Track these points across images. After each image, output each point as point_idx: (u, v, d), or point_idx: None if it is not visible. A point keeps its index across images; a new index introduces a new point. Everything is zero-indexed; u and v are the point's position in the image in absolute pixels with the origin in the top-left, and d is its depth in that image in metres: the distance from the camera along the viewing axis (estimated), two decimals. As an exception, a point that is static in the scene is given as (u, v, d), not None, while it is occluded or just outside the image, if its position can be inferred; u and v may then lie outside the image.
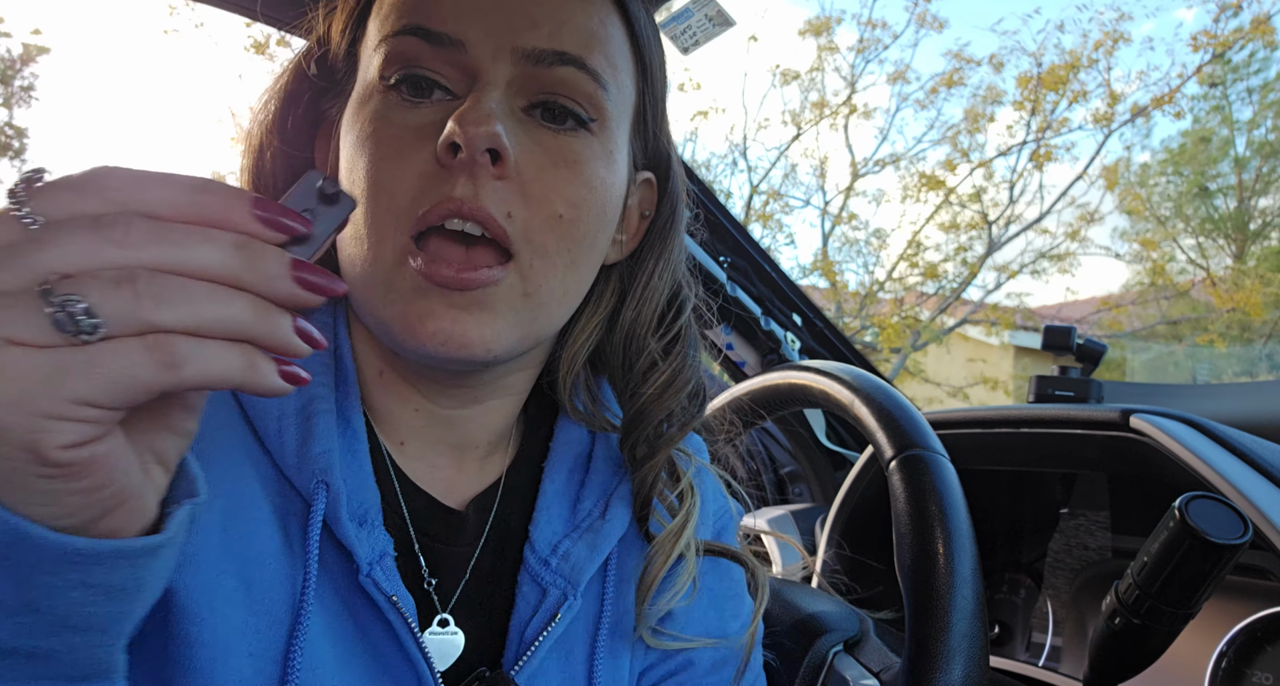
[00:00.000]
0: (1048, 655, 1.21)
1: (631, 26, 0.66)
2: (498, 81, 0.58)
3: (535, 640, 0.64)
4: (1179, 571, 0.69)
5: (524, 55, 0.59)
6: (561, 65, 0.59)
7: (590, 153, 0.61)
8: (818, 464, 1.73)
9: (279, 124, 0.68)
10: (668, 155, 0.73)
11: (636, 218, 0.73)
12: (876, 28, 11.93)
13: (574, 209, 0.60)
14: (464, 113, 0.55)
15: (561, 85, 0.60)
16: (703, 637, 0.73)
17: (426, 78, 0.59)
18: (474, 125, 0.55)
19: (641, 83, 0.68)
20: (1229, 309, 10.53)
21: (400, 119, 0.59)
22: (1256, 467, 0.91)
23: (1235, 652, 0.95)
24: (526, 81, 0.59)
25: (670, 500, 0.72)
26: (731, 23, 1.08)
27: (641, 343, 0.72)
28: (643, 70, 0.68)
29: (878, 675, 0.79)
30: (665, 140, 0.73)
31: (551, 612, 0.65)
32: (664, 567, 0.69)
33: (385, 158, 0.58)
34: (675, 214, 0.74)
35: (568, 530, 0.68)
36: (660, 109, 0.71)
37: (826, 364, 0.95)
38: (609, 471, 0.73)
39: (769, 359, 1.65)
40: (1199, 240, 13.71)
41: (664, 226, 0.73)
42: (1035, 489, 1.31)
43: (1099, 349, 1.35)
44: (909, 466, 0.76)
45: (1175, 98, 10.89)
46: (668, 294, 0.73)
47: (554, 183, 0.59)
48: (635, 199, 0.72)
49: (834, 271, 12.21)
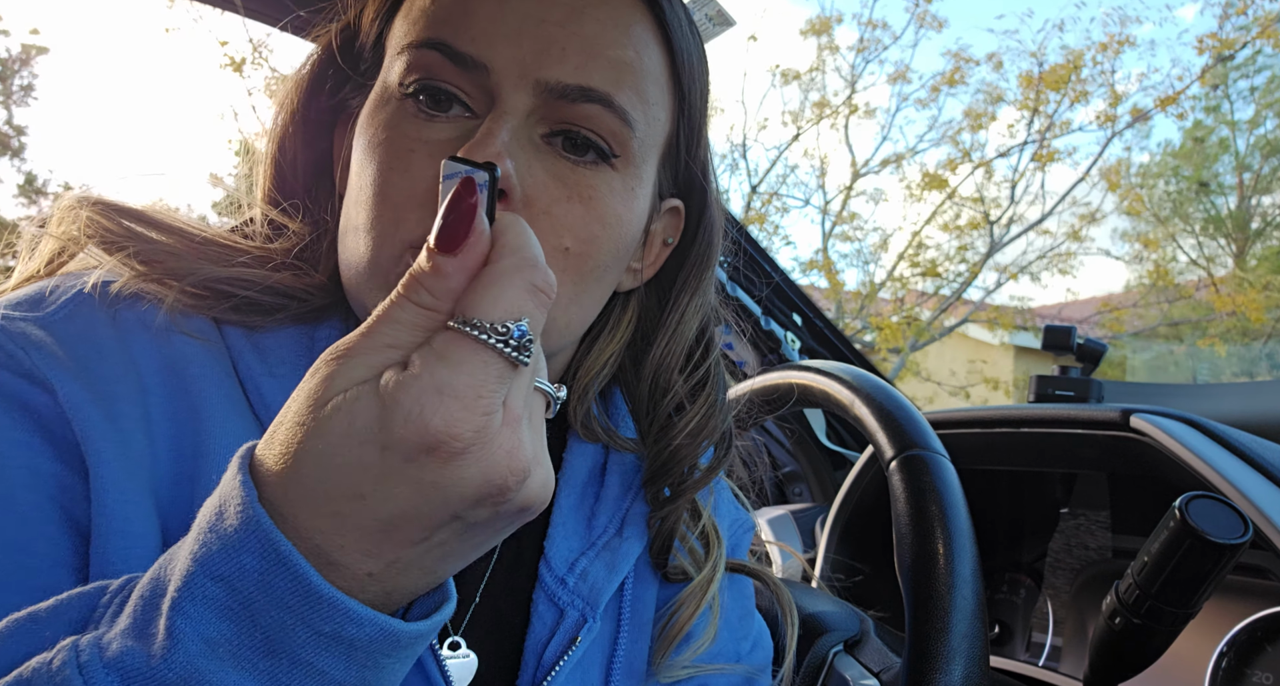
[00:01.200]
0: (1048, 655, 1.21)
1: (673, 55, 0.63)
2: (516, 111, 0.56)
3: (555, 664, 0.61)
4: (1179, 571, 0.68)
5: (548, 88, 0.56)
6: (587, 102, 0.57)
7: (608, 188, 0.59)
8: (818, 464, 1.73)
9: (302, 110, 0.66)
10: (703, 184, 0.69)
11: (659, 244, 0.70)
12: (877, 28, 11.95)
13: (584, 244, 0.58)
14: (473, 145, 0.54)
15: (585, 120, 0.57)
16: (715, 663, 0.72)
17: (446, 90, 0.57)
18: None
19: (677, 111, 0.65)
20: (1229, 312, 10.53)
21: (414, 132, 0.57)
22: (1256, 467, 0.91)
23: (1235, 652, 0.95)
24: (549, 112, 0.57)
25: (692, 542, 0.70)
26: (732, 22, 1.08)
27: (669, 380, 0.69)
28: (680, 99, 0.65)
29: (878, 675, 0.79)
30: (700, 168, 0.69)
31: (570, 635, 0.62)
32: (692, 618, 0.68)
33: (393, 169, 0.57)
34: (710, 246, 0.70)
35: (584, 547, 0.66)
36: (697, 137, 0.68)
37: (826, 364, 0.95)
38: (622, 489, 0.70)
39: (769, 359, 1.65)
40: (1200, 240, 13.72)
41: (697, 260, 0.70)
42: (1035, 489, 1.31)
43: (1099, 349, 1.35)
44: (909, 466, 0.76)
45: (1178, 100, 10.87)
46: (698, 330, 0.71)
47: (565, 217, 0.57)
48: (660, 225, 0.69)
49: (833, 271, 12.21)
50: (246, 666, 0.36)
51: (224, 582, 0.36)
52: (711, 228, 0.70)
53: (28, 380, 0.49)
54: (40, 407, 0.49)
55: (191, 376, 0.54)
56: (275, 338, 0.60)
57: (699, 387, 0.70)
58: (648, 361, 0.69)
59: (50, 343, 0.51)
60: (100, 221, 0.59)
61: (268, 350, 0.59)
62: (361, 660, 0.38)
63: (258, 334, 0.59)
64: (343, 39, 0.66)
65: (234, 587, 0.36)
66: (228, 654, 0.35)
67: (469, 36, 0.56)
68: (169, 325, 0.55)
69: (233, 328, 0.59)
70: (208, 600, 0.36)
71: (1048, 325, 1.39)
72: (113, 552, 0.48)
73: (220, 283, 0.58)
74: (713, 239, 0.70)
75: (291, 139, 0.66)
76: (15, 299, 0.54)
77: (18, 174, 11.44)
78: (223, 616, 0.36)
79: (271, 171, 0.67)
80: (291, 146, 0.66)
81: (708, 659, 0.72)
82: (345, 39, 0.66)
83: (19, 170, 11.44)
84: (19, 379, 0.49)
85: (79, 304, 0.54)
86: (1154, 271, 12.35)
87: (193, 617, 0.35)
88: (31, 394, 0.49)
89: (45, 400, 0.49)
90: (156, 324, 0.55)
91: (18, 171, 11.43)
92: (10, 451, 0.48)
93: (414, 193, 0.56)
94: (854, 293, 12.11)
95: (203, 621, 0.35)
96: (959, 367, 12.12)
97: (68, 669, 0.35)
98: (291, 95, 0.66)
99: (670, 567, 0.70)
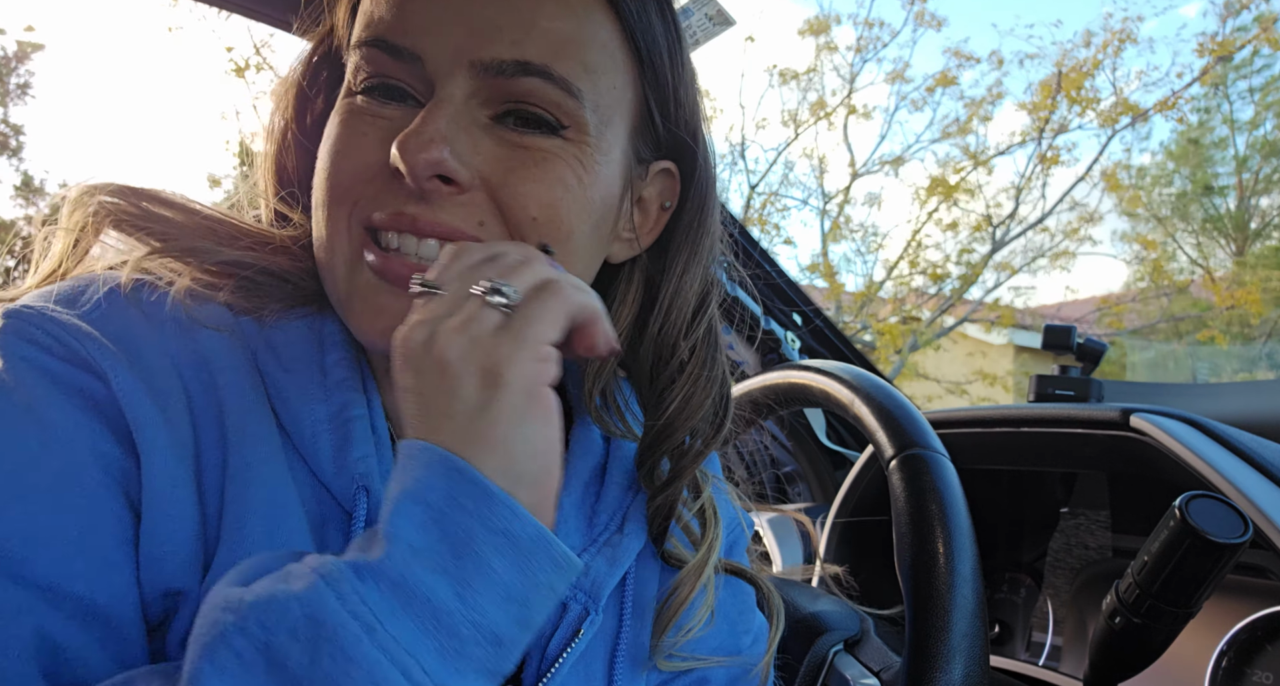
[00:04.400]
0: (1048, 654, 1.21)
1: (623, 21, 0.62)
2: (454, 97, 0.57)
3: (558, 657, 0.62)
4: (1179, 570, 0.68)
5: (484, 67, 0.57)
6: (525, 76, 0.57)
7: (562, 154, 0.60)
8: (818, 463, 1.73)
9: (297, 114, 0.68)
10: (693, 143, 0.69)
11: (656, 209, 0.70)
12: (874, 27, 11.93)
13: (548, 209, 0.59)
14: (406, 136, 0.55)
15: (528, 95, 0.58)
16: (716, 656, 0.73)
17: (393, 86, 0.60)
18: (415, 152, 0.54)
19: (640, 76, 0.64)
20: (1229, 306, 10.52)
21: (367, 122, 0.59)
22: (1256, 467, 0.91)
23: (1235, 652, 0.95)
24: (491, 93, 0.58)
25: (688, 520, 0.71)
26: (731, 22, 1.07)
27: (673, 346, 0.69)
28: (640, 64, 0.64)
29: (878, 674, 0.79)
30: (687, 127, 0.68)
31: (573, 628, 0.63)
32: (689, 597, 0.68)
33: (343, 154, 0.59)
34: (705, 206, 0.70)
35: (585, 544, 0.67)
36: (675, 96, 0.67)
37: (827, 363, 0.95)
38: (624, 486, 0.71)
39: (769, 359, 1.65)
40: (1199, 239, 13.72)
41: (692, 220, 0.70)
42: (1035, 488, 1.31)
43: (1099, 348, 1.35)
44: (909, 466, 0.76)
45: (1178, 104, 10.85)
46: (700, 294, 0.71)
47: (524, 187, 0.58)
48: (654, 189, 0.69)
49: (832, 271, 12.21)
50: (439, 570, 0.43)
51: (421, 503, 0.44)
52: (704, 188, 0.70)
53: (84, 369, 0.53)
54: (97, 395, 0.52)
55: (217, 369, 0.57)
56: (285, 334, 0.62)
57: (694, 350, 0.71)
58: (649, 327, 0.70)
59: (98, 336, 0.54)
60: (115, 202, 0.61)
61: (279, 346, 0.61)
62: (523, 564, 0.44)
63: (268, 329, 0.61)
64: (328, 42, 0.68)
65: (429, 504, 0.44)
66: (428, 559, 0.43)
67: (403, 30, 0.58)
68: (193, 322, 0.58)
69: (247, 318, 0.61)
70: (410, 517, 0.44)
71: (1048, 324, 1.39)
72: (161, 533, 0.51)
73: (226, 264, 0.61)
74: (706, 200, 0.70)
75: (289, 139, 0.68)
76: (50, 296, 0.56)
77: (15, 173, 11.45)
78: (421, 528, 0.43)
79: (273, 170, 0.69)
80: (289, 146, 0.68)
81: (708, 652, 0.72)
82: (329, 42, 0.68)
83: (16, 170, 11.45)
84: (76, 368, 0.52)
85: (113, 301, 0.57)
86: (1151, 267, 12.34)
87: (401, 531, 0.43)
88: (88, 382, 0.52)
89: (100, 388, 0.52)
90: (184, 319, 0.58)
91: (15, 171, 11.44)
92: (77, 434, 0.51)
93: (364, 170, 0.58)
94: (858, 294, 12.10)
95: (408, 531, 0.43)
96: (958, 366, 12.12)
97: (313, 576, 0.41)
98: (286, 97, 0.68)
99: (668, 551, 0.70)
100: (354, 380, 0.61)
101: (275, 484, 0.56)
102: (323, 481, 0.58)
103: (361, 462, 0.58)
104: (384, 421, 0.62)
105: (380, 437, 0.61)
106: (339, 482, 0.58)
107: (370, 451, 0.59)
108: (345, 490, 0.57)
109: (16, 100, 11.19)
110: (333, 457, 0.58)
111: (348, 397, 0.60)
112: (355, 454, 0.58)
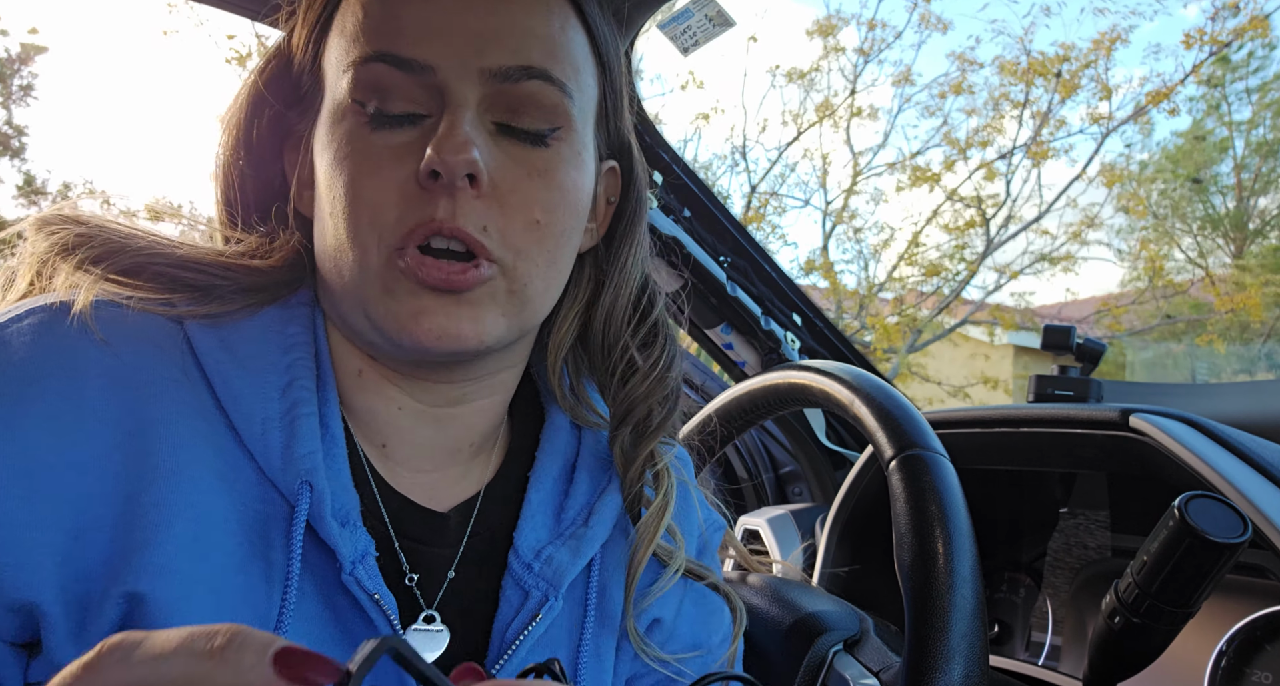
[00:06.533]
0: (1047, 654, 1.21)
1: (589, 27, 0.67)
2: (468, 102, 0.60)
3: (516, 640, 0.65)
4: (1179, 570, 0.69)
5: (492, 74, 0.60)
6: (528, 79, 0.61)
7: (560, 159, 0.63)
8: (818, 463, 1.74)
9: (244, 138, 0.69)
10: (629, 143, 0.76)
11: (604, 205, 0.75)
12: (877, 28, 11.93)
13: (549, 213, 0.63)
14: (441, 140, 0.58)
15: (530, 99, 0.62)
16: (689, 651, 0.76)
17: (397, 114, 0.60)
18: (452, 153, 0.57)
19: (602, 79, 0.70)
20: (1228, 310, 10.52)
21: (379, 139, 0.60)
22: (1256, 467, 0.91)
23: (1235, 651, 0.95)
24: (496, 98, 0.61)
25: (648, 479, 0.74)
26: (731, 23, 1.08)
27: (619, 330, 0.75)
28: (602, 66, 0.69)
29: (877, 674, 0.79)
30: (626, 129, 0.75)
31: (533, 613, 0.66)
32: (648, 551, 0.71)
33: (365, 174, 0.60)
34: (640, 199, 0.76)
35: (551, 538, 0.70)
36: (620, 100, 0.73)
37: (826, 363, 0.95)
38: (596, 473, 0.74)
39: (769, 359, 1.66)
40: (1198, 239, 13.72)
41: (631, 213, 0.76)
42: (1035, 488, 1.31)
43: (1098, 348, 1.35)
44: (909, 466, 0.76)
45: (1171, 95, 10.86)
46: (640, 282, 0.76)
47: (529, 193, 0.62)
48: (602, 187, 0.74)
49: (833, 271, 12.20)
50: None
51: None
52: (640, 183, 0.76)
53: None
54: None
55: (139, 384, 0.57)
56: (242, 332, 0.63)
57: (649, 337, 0.76)
58: (598, 311, 0.75)
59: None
60: (56, 234, 0.62)
61: (235, 344, 0.62)
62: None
63: (224, 329, 0.62)
64: (278, 64, 0.68)
65: None
66: None
67: (407, 42, 0.60)
68: (116, 338, 0.58)
69: (196, 323, 0.61)
70: None
71: (1047, 325, 1.39)
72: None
73: (173, 267, 0.62)
74: (641, 193, 0.76)
75: (239, 163, 0.69)
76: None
77: (17, 174, 11.44)
78: None
79: (221, 195, 0.70)
80: (240, 170, 0.69)
81: (679, 648, 0.76)
82: (280, 64, 0.68)
83: (19, 170, 11.45)
84: None
85: (29, 327, 0.57)
86: (1149, 266, 12.33)
87: None
88: None
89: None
90: (106, 337, 0.58)
91: (17, 172, 11.44)
92: None
93: (388, 194, 0.59)
94: (852, 293, 12.10)
95: None
96: (958, 367, 12.12)
97: None
98: (234, 120, 0.69)
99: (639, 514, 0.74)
100: (308, 378, 0.63)
101: (206, 486, 0.57)
102: (270, 478, 0.59)
103: (307, 458, 0.59)
104: (339, 421, 0.64)
105: (333, 435, 0.63)
106: (285, 477, 0.59)
107: (317, 447, 0.60)
108: (290, 484, 0.59)
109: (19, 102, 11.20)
110: (280, 453, 0.59)
111: (299, 396, 0.61)
112: (301, 450, 0.59)
